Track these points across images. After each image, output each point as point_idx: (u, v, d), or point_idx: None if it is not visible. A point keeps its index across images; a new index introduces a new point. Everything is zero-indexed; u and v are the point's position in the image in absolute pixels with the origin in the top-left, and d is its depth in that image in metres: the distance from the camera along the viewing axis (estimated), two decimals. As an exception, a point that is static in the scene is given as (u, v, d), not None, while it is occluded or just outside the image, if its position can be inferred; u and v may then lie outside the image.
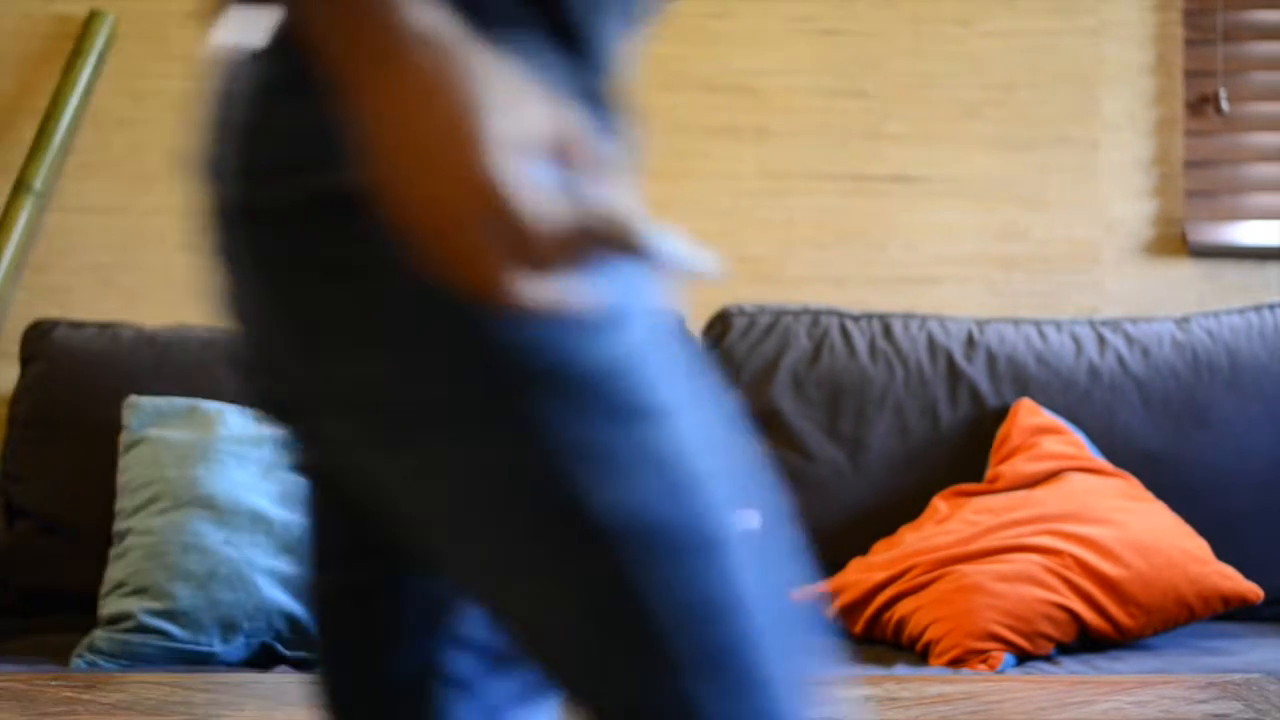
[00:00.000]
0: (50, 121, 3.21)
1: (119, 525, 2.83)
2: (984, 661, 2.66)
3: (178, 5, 3.29)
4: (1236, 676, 2.01)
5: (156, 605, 2.71)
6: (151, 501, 2.81)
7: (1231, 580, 2.77)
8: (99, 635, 2.71)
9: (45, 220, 3.28)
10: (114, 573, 2.79)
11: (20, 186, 3.19)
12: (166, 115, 3.30)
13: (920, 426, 3.06)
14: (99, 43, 3.23)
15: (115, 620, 2.73)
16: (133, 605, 2.72)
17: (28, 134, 3.23)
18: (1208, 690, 1.95)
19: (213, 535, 2.75)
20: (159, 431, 2.87)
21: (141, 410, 2.91)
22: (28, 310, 3.20)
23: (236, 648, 2.71)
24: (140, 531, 2.79)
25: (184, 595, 2.72)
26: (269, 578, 2.73)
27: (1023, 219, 3.32)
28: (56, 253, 3.28)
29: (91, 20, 3.23)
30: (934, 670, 2.65)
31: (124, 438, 2.90)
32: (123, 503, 2.84)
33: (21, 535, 3.04)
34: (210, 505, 2.77)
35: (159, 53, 3.29)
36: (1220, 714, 1.83)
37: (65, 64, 3.22)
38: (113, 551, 2.82)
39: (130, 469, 2.86)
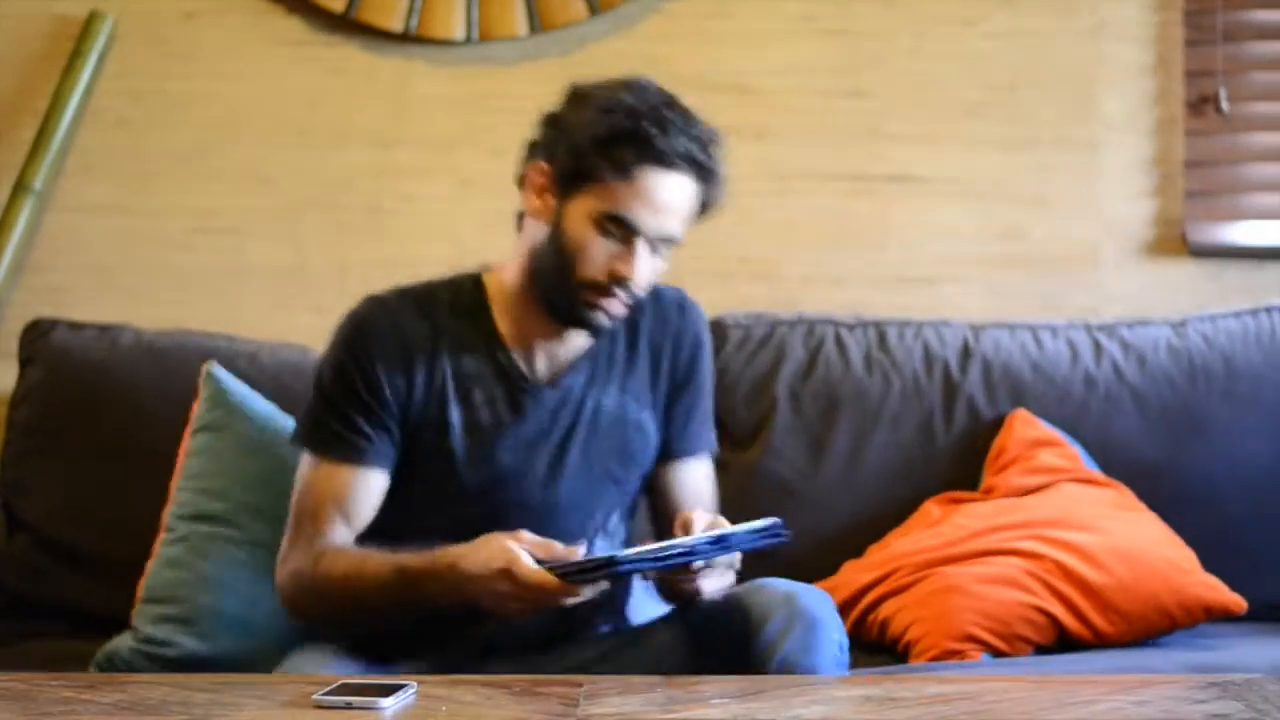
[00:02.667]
0: (50, 121, 3.21)
1: (174, 519, 2.75)
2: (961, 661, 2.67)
3: (178, 5, 3.30)
4: (1237, 676, 2.01)
5: (201, 649, 2.63)
6: (218, 520, 2.73)
7: (1214, 591, 2.77)
8: (127, 646, 2.61)
9: (45, 220, 3.28)
10: (159, 580, 2.70)
11: (20, 186, 3.19)
12: (166, 115, 3.30)
13: (916, 439, 3.04)
14: (99, 43, 3.23)
15: (152, 641, 2.65)
16: (176, 636, 2.64)
17: (28, 134, 3.23)
18: (1208, 690, 1.95)
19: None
20: (241, 428, 2.79)
21: (219, 389, 2.82)
22: (27, 310, 3.20)
23: None
24: (200, 554, 2.70)
25: (231, 648, 2.64)
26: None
27: (1023, 219, 3.32)
28: (56, 253, 3.28)
29: (91, 21, 3.23)
30: (932, 669, 2.65)
31: (197, 411, 2.82)
32: (182, 491, 2.77)
33: (20, 542, 3.03)
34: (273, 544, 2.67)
35: (159, 53, 3.29)
36: (1220, 714, 1.83)
37: (65, 64, 3.22)
38: (160, 548, 2.73)
39: (201, 456, 2.78)
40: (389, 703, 1.88)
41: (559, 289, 2.36)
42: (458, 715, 1.88)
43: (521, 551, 2.18)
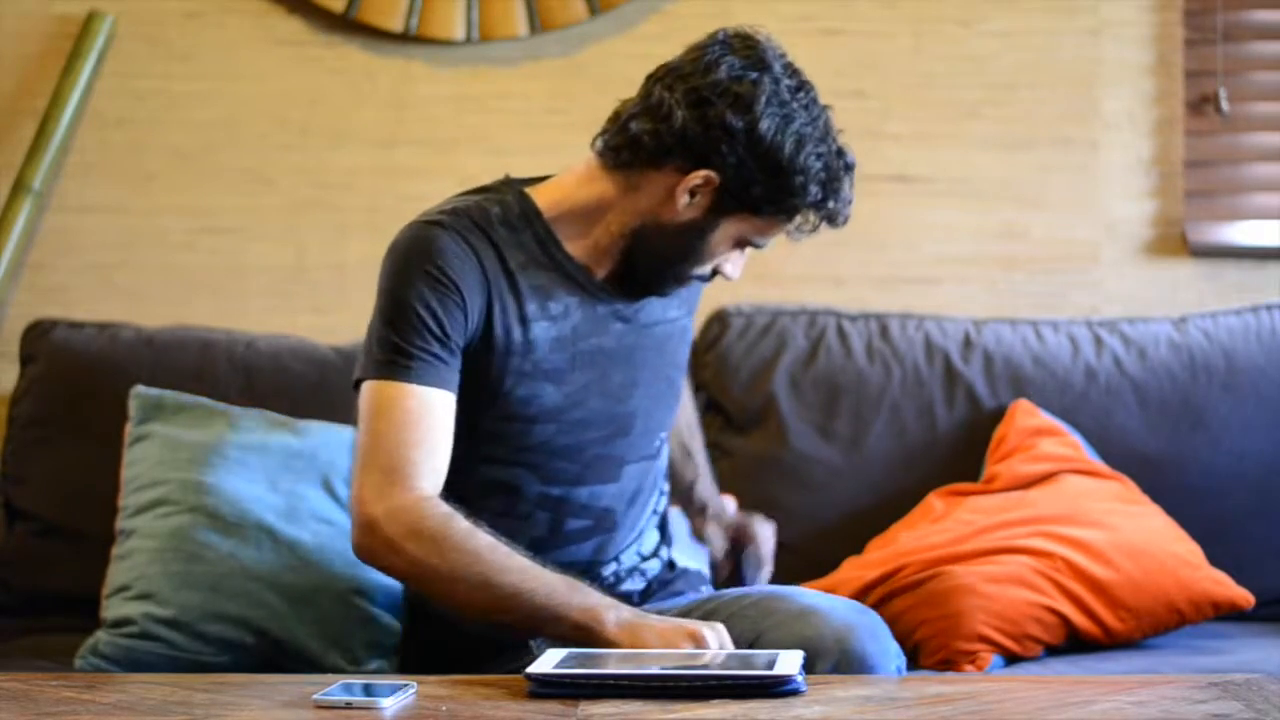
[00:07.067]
0: (50, 121, 3.21)
1: (122, 523, 2.82)
2: (972, 663, 2.66)
3: (178, 5, 3.30)
4: (1237, 676, 2.01)
5: (160, 612, 2.70)
6: (157, 504, 2.79)
7: (1222, 586, 2.77)
8: (102, 638, 2.71)
9: (45, 220, 3.28)
10: (117, 575, 2.78)
11: (20, 186, 3.20)
12: (166, 115, 3.30)
13: (917, 427, 3.06)
14: (99, 43, 3.23)
15: (119, 624, 2.72)
16: (136, 610, 2.71)
17: (28, 134, 3.24)
18: (1208, 690, 1.94)
19: (219, 546, 2.74)
20: (166, 429, 2.85)
21: (147, 402, 2.89)
22: (27, 310, 3.20)
23: (238, 659, 2.70)
24: (145, 534, 2.78)
25: (188, 604, 2.70)
26: (274, 592, 2.72)
27: (1023, 219, 3.32)
28: (56, 253, 3.28)
29: (91, 20, 3.23)
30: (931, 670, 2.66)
31: (129, 431, 2.88)
32: (127, 500, 2.83)
33: (21, 537, 3.03)
34: (216, 515, 2.76)
35: (159, 53, 3.29)
36: (1220, 714, 1.83)
37: (65, 64, 3.23)
38: (115, 550, 2.81)
39: (135, 465, 2.85)
40: (389, 703, 1.88)
41: (661, 267, 2.32)
42: (458, 715, 1.88)
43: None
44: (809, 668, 2.06)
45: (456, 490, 2.28)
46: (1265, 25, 3.33)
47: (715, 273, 2.35)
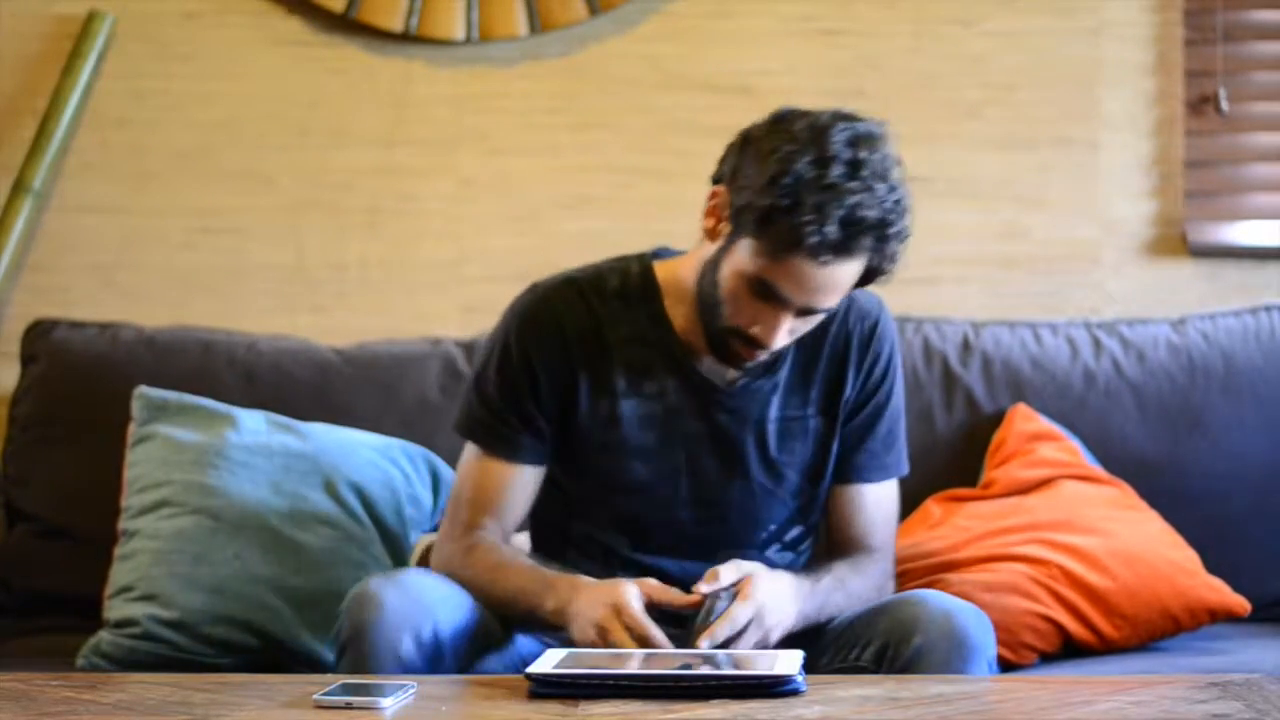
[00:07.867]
0: (50, 121, 3.21)
1: (125, 524, 2.82)
2: (966, 670, 2.67)
3: (178, 5, 3.30)
4: (1237, 676, 2.01)
5: (164, 614, 2.70)
6: (160, 505, 2.79)
7: (1219, 593, 2.77)
8: (105, 638, 2.71)
9: (45, 220, 3.28)
10: (120, 575, 2.78)
11: (20, 186, 3.20)
12: (166, 115, 3.30)
13: (915, 431, 3.03)
14: (99, 43, 3.23)
15: (122, 625, 2.72)
16: (139, 611, 2.71)
17: (28, 134, 3.23)
18: (1208, 690, 1.95)
19: (223, 548, 2.74)
20: (169, 429, 2.85)
21: (150, 403, 2.89)
22: (28, 310, 3.20)
23: (241, 661, 2.70)
24: (149, 535, 2.77)
25: (192, 606, 2.70)
26: (278, 595, 2.72)
27: (1023, 219, 3.32)
28: (56, 253, 3.28)
29: (91, 20, 3.23)
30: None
31: (132, 431, 2.88)
32: (130, 500, 2.83)
33: (22, 537, 3.03)
34: (220, 517, 2.75)
35: (159, 53, 3.29)
36: (1220, 714, 1.83)
37: (65, 64, 3.22)
38: (118, 551, 2.81)
39: (138, 465, 2.85)
40: (389, 703, 1.88)
41: (708, 316, 2.30)
42: (458, 715, 1.88)
43: (635, 597, 2.15)
44: (899, 645, 2.12)
45: (557, 543, 2.42)
46: (1265, 25, 3.33)
47: (755, 340, 2.26)
